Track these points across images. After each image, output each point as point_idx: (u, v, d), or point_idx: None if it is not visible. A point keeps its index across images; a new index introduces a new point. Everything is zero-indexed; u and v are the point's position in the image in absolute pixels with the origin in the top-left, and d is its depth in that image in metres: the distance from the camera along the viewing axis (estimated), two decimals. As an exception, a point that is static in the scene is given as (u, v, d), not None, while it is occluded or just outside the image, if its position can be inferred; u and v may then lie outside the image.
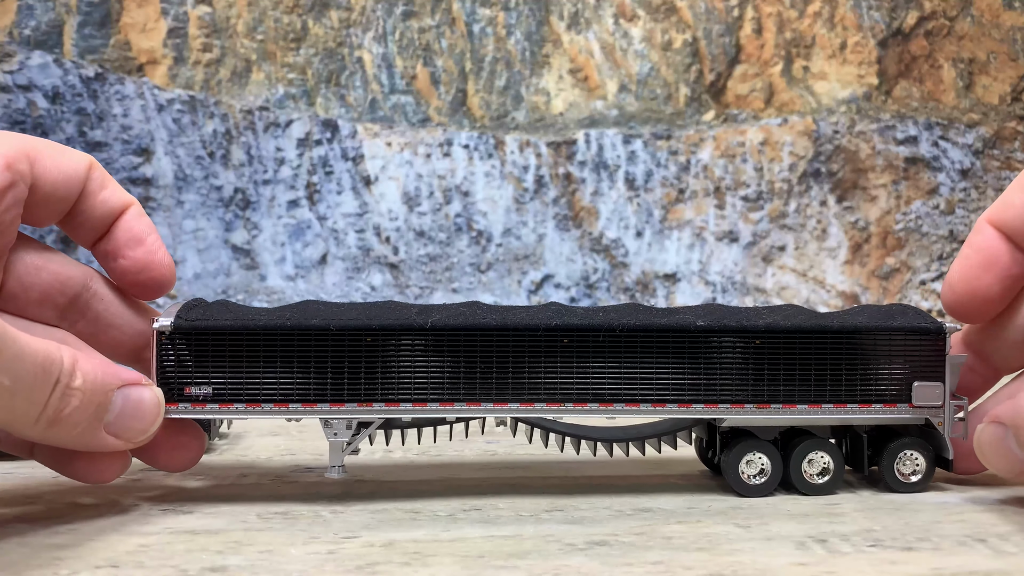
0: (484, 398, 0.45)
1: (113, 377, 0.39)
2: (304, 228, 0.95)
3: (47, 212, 0.42)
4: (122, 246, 0.44)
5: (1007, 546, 0.39)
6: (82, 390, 0.38)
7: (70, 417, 0.37)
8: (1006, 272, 0.46)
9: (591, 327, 0.45)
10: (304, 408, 0.44)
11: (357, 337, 0.44)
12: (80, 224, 0.44)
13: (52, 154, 0.41)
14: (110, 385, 0.39)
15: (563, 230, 0.98)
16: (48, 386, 0.36)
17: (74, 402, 0.37)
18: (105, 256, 0.44)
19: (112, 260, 0.44)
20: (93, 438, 0.39)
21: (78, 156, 0.43)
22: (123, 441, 0.40)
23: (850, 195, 1.02)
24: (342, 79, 0.96)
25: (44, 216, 0.42)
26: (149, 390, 0.41)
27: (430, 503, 0.45)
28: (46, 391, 0.36)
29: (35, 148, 0.41)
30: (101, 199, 0.43)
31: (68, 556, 0.36)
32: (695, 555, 0.37)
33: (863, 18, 1.02)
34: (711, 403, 0.46)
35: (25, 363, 0.35)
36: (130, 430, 0.40)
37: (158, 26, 0.93)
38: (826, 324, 0.46)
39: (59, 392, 0.37)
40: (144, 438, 0.41)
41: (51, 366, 0.36)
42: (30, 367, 0.35)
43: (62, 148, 0.42)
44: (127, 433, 0.40)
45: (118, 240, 0.44)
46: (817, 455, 0.47)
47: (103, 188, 0.43)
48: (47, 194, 0.41)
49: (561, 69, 0.98)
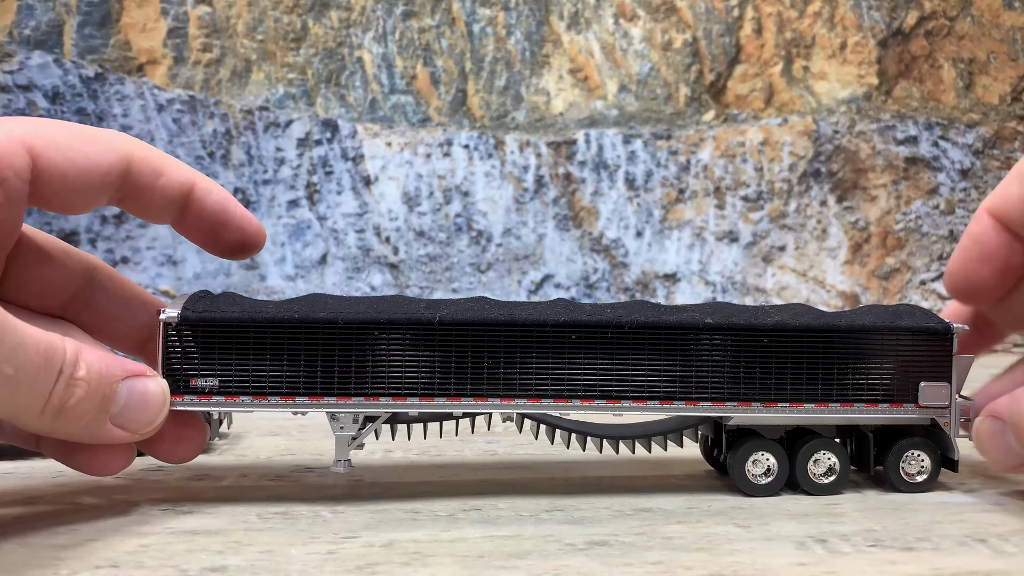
0: (491, 393, 0.45)
1: (118, 368, 0.39)
2: (304, 228, 0.95)
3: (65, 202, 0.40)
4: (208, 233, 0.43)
5: (1007, 546, 0.39)
6: (86, 381, 0.37)
7: (75, 408, 0.37)
8: (1004, 263, 0.46)
9: (599, 323, 0.45)
10: (310, 401, 0.44)
11: (364, 331, 0.44)
12: (145, 212, 0.43)
13: (68, 143, 0.39)
14: (115, 376, 0.39)
15: (563, 230, 0.98)
16: (51, 376, 0.36)
17: (79, 392, 0.37)
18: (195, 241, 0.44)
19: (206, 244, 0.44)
20: (99, 430, 0.39)
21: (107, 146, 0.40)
22: (129, 433, 0.40)
23: (850, 195, 1.02)
24: (342, 79, 0.96)
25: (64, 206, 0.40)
26: (154, 381, 0.41)
27: (430, 503, 0.45)
28: (49, 381, 0.36)
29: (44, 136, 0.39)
30: (159, 188, 0.42)
31: (68, 556, 0.36)
32: (695, 555, 0.37)
33: (863, 18, 1.02)
34: (718, 401, 0.46)
35: (27, 352, 0.35)
36: (136, 421, 0.40)
37: (158, 26, 0.93)
38: (834, 323, 0.46)
39: (63, 382, 0.36)
40: (151, 429, 0.41)
41: (53, 356, 0.36)
42: (32, 356, 0.35)
43: (89, 137, 0.40)
44: (133, 424, 0.40)
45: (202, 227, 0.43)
46: (823, 455, 0.47)
47: (159, 176, 0.42)
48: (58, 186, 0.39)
49: (561, 69, 0.98)
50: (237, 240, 0.44)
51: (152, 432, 0.41)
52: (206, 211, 0.43)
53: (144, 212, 0.43)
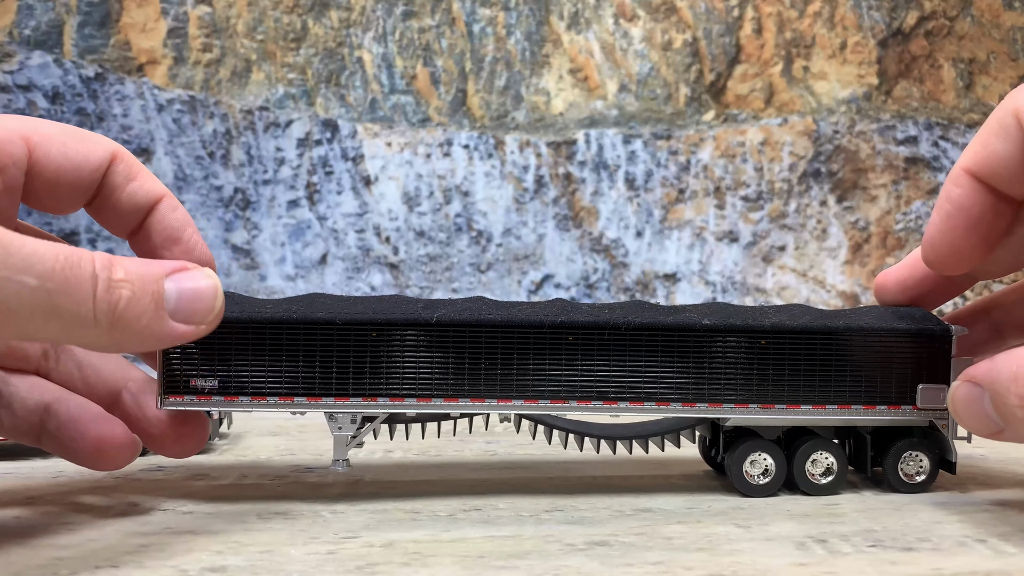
0: (488, 394, 0.45)
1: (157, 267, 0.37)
2: (304, 228, 0.95)
3: (55, 199, 0.41)
4: (158, 246, 0.43)
5: (1007, 546, 0.39)
6: (129, 281, 0.36)
7: (128, 310, 0.35)
8: (992, 228, 0.43)
9: (596, 324, 0.45)
10: (309, 402, 0.44)
11: (363, 331, 0.44)
12: (108, 216, 0.43)
13: (62, 139, 0.40)
14: (157, 274, 0.37)
15: (563, 230, 0.98)
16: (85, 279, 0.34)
17: (126, 293, 0.35)
18: (143, 254, 0.43)
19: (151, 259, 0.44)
20: (163, 329, 0.37)
21: (96, 144, 0.41)
22: (195, 326, 0.38)
23: (850, 195, 1.02)
24: (342, 79, 0.96)
25: (52, 203, 0.41)
26: (200, 271, 0.39)
27: (430, 503, 0.45)
28: (84, 284, 0.34)
29: (39, 131, 0.39)
30: (128, 192, 0.42)
31: (68, 556, 0.36)
32: (695, 555, 0.37)
33: (863, 18, 1.01)
34: (715, 402, 0.46)
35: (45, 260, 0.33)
36: (198, 312, 0.38)
37: (158, 26, 0.93)
38: (832, 324, 0.46)
39: (103, 285, 0.35)
40: (213, 317, 0.39)
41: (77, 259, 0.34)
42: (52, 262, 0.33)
43: (80, 135, 0.41)
44: (196, 316, 0.38)
45: (153, 239, 0.43)
46: (821, 455, 0.47)
47: (130, 180, 0.42)
48: (51, 180, 0.40)
49: (561, 69, 0.98)
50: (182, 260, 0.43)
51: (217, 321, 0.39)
52: (166, 222, 0.43)
53: (111, 216, 0.43)
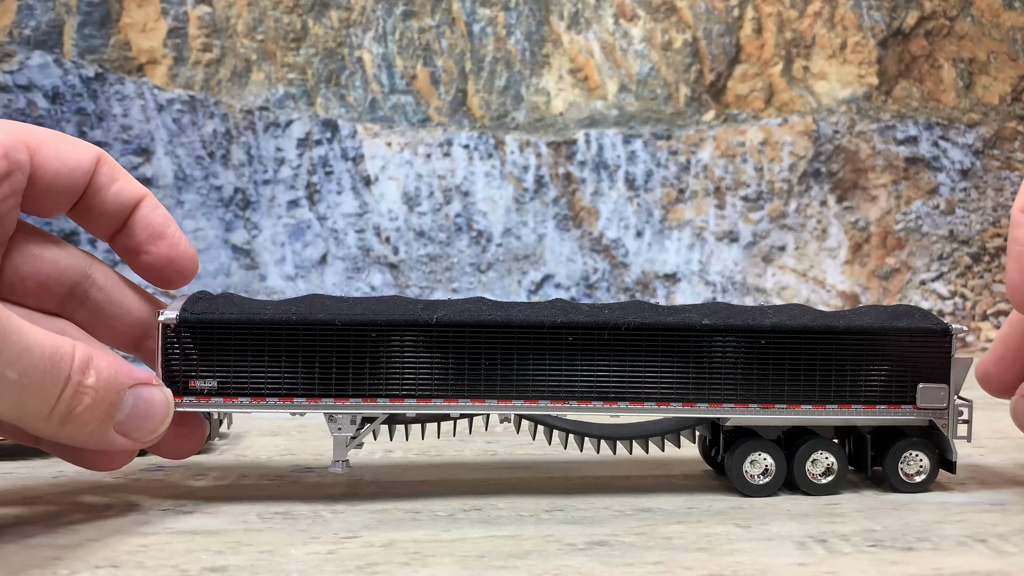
0: (488, 395, 0.45)
1: (126, 376, 0.39)
2: (304, 228, 0.95)
3: (51, 203, 0.42)
4: (143, 242, 0.43)
5: (1007, 546, 0.39)
6: (95, 388, 0.37)
7: (82, 415, 0.37)
8: None
9: (596, 325, 0.45)
10: (309, 403, 0.44)
11: (362, 332, 0.44)
12: (93, 218, 0.43)
13: (56, 144, 0.41)
14: (123, 384, 0.39)
15: (563, 230, 0.98)
16: (58, 382, 0.36)
17: (87, 400, 0.37)
18: (127, 252, 0.44)
19: (135, 256, 0.44)
20: (103, 437, 0.39)
21: (85, 148, 0.42)
22: (132, 441, 0.40)
23: (850, 195, 1.02)
24: (342, 79, 0.96)
25: (48, 207, 0.42)
26: (159, 390, 0.41)
27: (430, 503, 0.45)
28: (56, 387, 0.36)
29: (36, 137, 0.40)
30: (112, 192, 0.43)
31: (68, 556, 0.36)
32: (695, 555, 0.37)
33: (863, 18, 1.01)
34: (715, 402, 0.45)
35: (33, 357, 0.35)
36: (140, 430, 0.40)
37: (158, 26, 0.93)
38: (832, 324, 0.46)
39: (71, 389, 0.36)
40: (153, 438, 0.41)
41: (60, 361, 0.36)
42: (38, 361, 0.35)
43: (69, 139, 0.42)
44: (137, 433, 0.40)
45: (138, 236, 0.43)
46: (821, 455, 0.47)
47: (114, 181, 0.43)
48: (49, 184, 0.41)
49: (561, 69, 0.98)
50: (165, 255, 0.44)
51: (154, 441, 0.41)
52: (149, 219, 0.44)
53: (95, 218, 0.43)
